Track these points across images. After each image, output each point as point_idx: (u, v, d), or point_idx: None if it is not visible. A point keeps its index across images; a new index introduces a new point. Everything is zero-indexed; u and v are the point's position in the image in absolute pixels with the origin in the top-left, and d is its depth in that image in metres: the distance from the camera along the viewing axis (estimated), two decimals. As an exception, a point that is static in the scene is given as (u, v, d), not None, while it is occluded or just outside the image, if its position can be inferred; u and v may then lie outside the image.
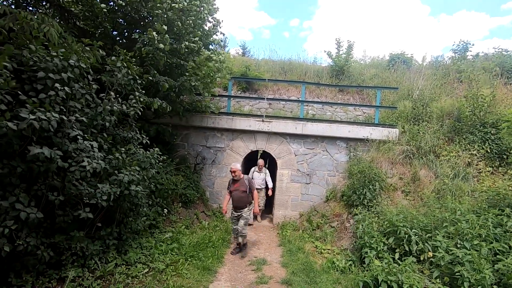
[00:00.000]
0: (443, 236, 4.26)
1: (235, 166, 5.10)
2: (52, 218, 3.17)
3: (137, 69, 4.45)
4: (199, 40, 5.68)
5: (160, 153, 4.70)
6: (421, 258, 4.13)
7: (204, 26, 6.34)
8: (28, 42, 2.96)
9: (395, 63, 10.76)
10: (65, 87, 2.99)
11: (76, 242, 3.31)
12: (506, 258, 3.74)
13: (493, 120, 6.45)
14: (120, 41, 5.79)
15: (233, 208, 5.19)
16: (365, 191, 5.67)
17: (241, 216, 5.00)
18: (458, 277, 3.60)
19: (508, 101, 7.31)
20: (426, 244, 4.24)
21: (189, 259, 4.44)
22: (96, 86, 3.63)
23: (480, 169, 6.06)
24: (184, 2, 5.33)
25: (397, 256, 4.24)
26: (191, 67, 5.65)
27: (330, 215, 6.28)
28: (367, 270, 4.12)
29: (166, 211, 5.37)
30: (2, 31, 2.86)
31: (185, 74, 5.71)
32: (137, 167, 3.94)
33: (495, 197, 4.98)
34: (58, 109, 2.96)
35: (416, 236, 4.30)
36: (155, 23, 4.92)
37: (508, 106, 6.91)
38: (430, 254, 4.09)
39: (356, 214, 5.39)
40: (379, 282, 3.66)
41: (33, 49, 2.89)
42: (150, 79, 5.02)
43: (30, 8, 4.86)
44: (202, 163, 7.34)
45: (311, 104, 8.84)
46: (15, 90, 2.68)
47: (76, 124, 3.15)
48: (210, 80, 6.09)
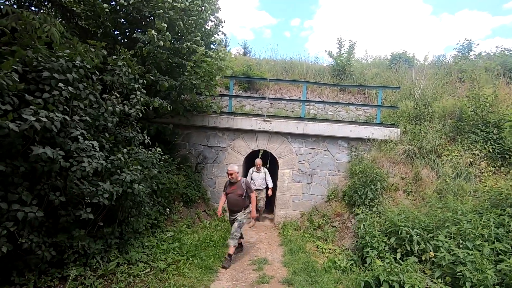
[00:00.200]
0: (445, 236, 4.25)
1: (232, 168, 4.82)
2: (54, 217, 3.18)
3: (138, 68, 4.45)
4: (200, 40, 5.68)
5: (162, 153, 4.69)
6: (423, 258, 4.12)
7: (206, 26, 6.33)
8: (33, 42, 2.97)
9: (396, 63, 10.69)
10: (68, 87, 2.99)
11: (78, 241, 3.32)
12: (509, 258, 3.73)
13: (495, 119, 6.41)
14: (122, 41, 5.80)
15: (228, 212, 5.04)
16: (367, 191, 5.65)
17: (236, 219, 4.82)
18: (460, 277, 3.59)
19: (511, 100, 7.26)
20: (427, 244, 4.23)
21: (190, 259, 4.45)
22: (100, 87, 3.64)
23: (482, 169, 6.02)
24: (186, 2, 5.32)
25: (398, 256, 4.24)
26: (190, 66, 5.65)
27: (331, 214, 6.28)
28: (368, 270, 4.11)
29: (168, 210, 5.38)
30: (7, 32, 2.87)
31: (185, 73, 5.72)
32: (139, 167, 3.96)
33: (497, 197, 4.96)
34: (62, 108, 2.97)
35: (417, 236, 4.30)
36: (156, 21, 4.92)
37: (511, 105, 6.87)
38: (432, 254, 4.07)
39: (358, 214, 5.38)
40: (381, 282, 3.65)
41: (38, 49, 2.90)
42: (152, 79, 5.02)
43: (32, 8, 4.87)
44: (203, 162, 7.35)
45: (313, 104, 8.81)
46: (21, 92, 2.70)
47: (79, 124, 3.16)
48: (210, 78, 6.07)
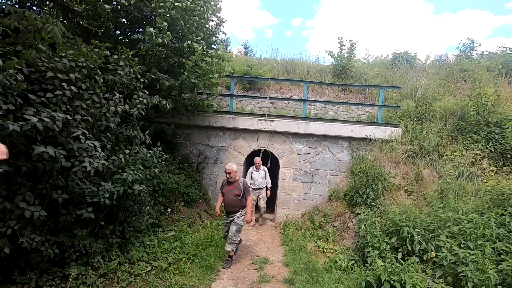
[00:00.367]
0: (447, 236, 4.23)
1: (230, 167, 4.65)
2: (56, 217, 3.19)
3: (139, 68, 4.46)
4: (201, 40, 5.67)
5: (163, 152, 4.70)
6: (424, 258, 4.11)
7: (207, 26, 6.33)
8: (36, 43, 2.98)
9: (398, 62, 10.68)
10: (71, 86, 3.00)
11: (79, 240, 3.33)
12: (510, 258, 3.71)
13: (497, 119, 6.39)
14: (123, 40, 5.80)
15: (224, 213, 4.84)
16: (368, 191, 5.65)
17: (233, 221, 4.61)
18: (461, 277, 3.57)
19: (513, 100, 7.25)
20: (429, 244, 4.22)
21: (191, 258, 4.46)
22: (105, 89, 3.65)
23: (484, 168, 6.00)
24: (188, 1, 5.32)
25: (399, 255, 4.23)
26: (190, 66, 5.64)
27: (332, 214, 6.27)
28: (369, 270, 4.11)
29: (170, 210, 5.38)
30: (10, 33, 2.88)
31: (185, 72, 5.71)
32: (140, 166, 3.96)
33: (499, 197, 4.94)
34: (64, 108, 2.98)
35: (419, 236, 4.29)
36: (157, 20, 4.92)
37: (513, 105, 6.86)
38: (433, 254, 4.06)
39: (359, 214, 5.38)
40: (382, 282, 3.65)
41: (42, 49, 2.91)
42: (152, 77, 5.03)
43: (34, 8, 4.88)
44: (204, 162, 7.35)
45: (314, 103, 8.80)
46: (24, 92, 2.71)
47: (81, 124, 3.17)
48: (209, 77, 6.05)
